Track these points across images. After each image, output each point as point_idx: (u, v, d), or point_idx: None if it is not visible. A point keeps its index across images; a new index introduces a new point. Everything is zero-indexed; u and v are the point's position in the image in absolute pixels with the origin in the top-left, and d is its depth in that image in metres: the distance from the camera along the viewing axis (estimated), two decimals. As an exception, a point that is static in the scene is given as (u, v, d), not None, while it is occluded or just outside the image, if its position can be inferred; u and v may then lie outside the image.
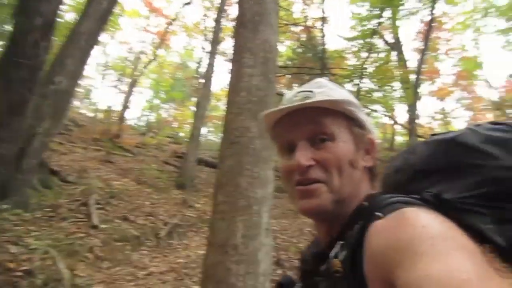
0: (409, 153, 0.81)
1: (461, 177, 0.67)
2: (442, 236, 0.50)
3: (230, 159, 3.11)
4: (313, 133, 0.74)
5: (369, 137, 0.80)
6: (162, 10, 24.38)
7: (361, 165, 0.77)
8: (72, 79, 6.30)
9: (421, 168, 0.74)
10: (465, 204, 0.63)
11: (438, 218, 0.56)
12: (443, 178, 0.69)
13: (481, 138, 0.69)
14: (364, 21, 14.38)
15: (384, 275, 0.52)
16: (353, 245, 0.64)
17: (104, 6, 6.92)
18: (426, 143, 0.78)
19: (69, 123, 14.50)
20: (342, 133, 0.75)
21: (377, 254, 0.56)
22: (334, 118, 0.75)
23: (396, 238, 0.53)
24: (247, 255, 2.70)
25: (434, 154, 0.73)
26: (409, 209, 0.60)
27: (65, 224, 5.48)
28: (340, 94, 0.79)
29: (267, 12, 3.83)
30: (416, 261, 0.47)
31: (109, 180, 8.84)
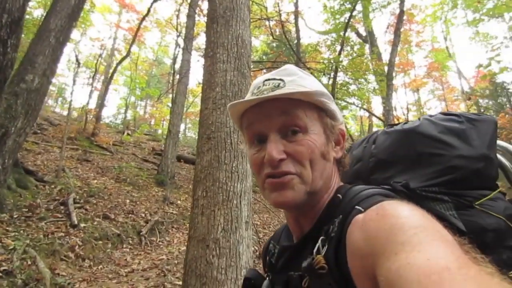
0: (369, 143, 0.85)
1: (423, 167, 0.72)
2: (423, 227, 0.50)
3: (207, 154, 3.16)
4: (284, 125, 0.71)
5: (339, 127, 0.79)
6: (134, 5, 24.01)
7: (331, 157, 0.76)
8: (44, 76, 6.19)
9: (383, 158, 0.79)
10: (429, 192, 0.69)
11: (418, 209, 0.56)
12: (406, 167, 0.74)
13: (439, 128, 0.74)
14: (336, 15, 14.57)
15: (367, 266, 0.53)
16: (336, 240, 0.63)
17: (73, 2, 6.80)
18: (387, 133, 0.81)
19: (43, 122, 14.17)
20: (314, 125, 0.73)
21: (360, 246, 0.56)
22: (305, 109, 0.72)
23: (378, 230, 0.54)
24: (228, 249, 2.74)
25: (396, 144, 0.78)
26: (389, 201, 0.60)
27: (44, 224, 5.42)
28: (311, 83, 0.76)
29: (239, 7, 3.88)
30: (398, 250, 0.47)
31: (87, 179, 8.74)
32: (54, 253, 4.85)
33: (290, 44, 13.85)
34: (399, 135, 0.78)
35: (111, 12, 26.95)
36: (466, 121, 0.76)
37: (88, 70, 26.53)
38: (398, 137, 0.78)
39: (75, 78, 13.40)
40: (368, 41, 17.95)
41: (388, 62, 10.70)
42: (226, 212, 2.91)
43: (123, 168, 11.08)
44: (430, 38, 24.72)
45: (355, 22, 17.28)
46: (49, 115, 17.50)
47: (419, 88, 26.70)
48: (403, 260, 0.45)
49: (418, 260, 0.44)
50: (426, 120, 0.78)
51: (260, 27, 14.44)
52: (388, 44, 23.36)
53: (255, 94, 0.73)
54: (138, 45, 26.25)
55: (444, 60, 23.38)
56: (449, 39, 25.79)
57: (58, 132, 12.83)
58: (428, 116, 0.80)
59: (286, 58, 16.12)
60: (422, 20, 20.83)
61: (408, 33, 21.86)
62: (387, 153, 0.79)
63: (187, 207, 9.52)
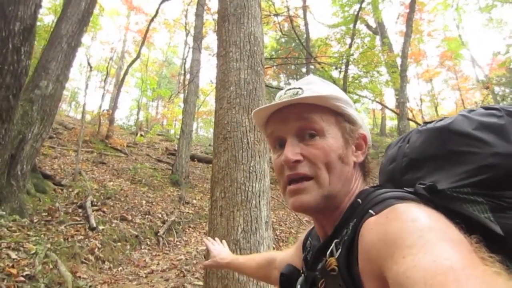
0: (404, 142, 0.82)
1: (455, 166, 0.68)
2: (430, 228, 0.51)
3: (224, 154, 3.13)
4: (301, 129, 0.75)
5: (359, 132, 0.80)
6: (142, 8, 24.16)
7: (351, 161, 0.77)
8: (58, 82, 6.26)
9: (415, 157, 0.76)
10: (460, 193, 0.65)
11: (427, 211, 0.57)
12: (438, 167, 0.70)
13: (474, 124, 0.69)
14: (345, 7, 14.43)
15: (376, 269, 0.54)
16: (348, 243, 0.64)
17: (82, 7, 6.85)
18: (419, 132, 0.78)
19: (58, 127, 14.38)
20: (331, 129, 0.75)
21: (369, 249, 0.57)
22: (322, 114, 0.75)
23: (386, 233, 0.54)
24: (249, 250, 2.70)
25: (427, 143, 0.74)
26: (400, 204, 0.60)
27: (63, 228, 5.48)
28: (328, 90, 0.79)
29: (249, 4, 3.83)
30: (405, 253, 0.48)
31: (104, 181, 8.84)
32: (74, 256, 4.91)
33: (300, 39, 13.73)
34: (430, 133, 0.75)
35: (120, 15, 27.22)
36: (507, 115, 0.70)
37: (100, 73, 26.87)
38: (430, 135, 0.75)
39: (87, 82, 13.49)
40: (378, 32, 17.76)
41: (401, 53, 10.50)
42: (246, 212, 2.88)
43: (138, 169, 11.18)
44: (442, 27, 24.29)
45: (364, 14, 17.09)
46: (64, 119, 17.75)
47: (432, 79, 26.27)
48: (409, 263, 0.46)
49: (424, 262, 0.45)
50: (461, 116, 0.74)
51: (268, 23, 14.37)
52: (399, 34, 23.10)
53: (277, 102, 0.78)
54: (148, 47, 26.43)
55: (457, 49, 22.91)
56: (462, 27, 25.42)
57: (73, 136, 13.01)
58: (467, 111, 0.75)
59: (297, 53, 16.01)
60: (433, 9, 20.48)
61: (419, 22, 21.50)
62: (418, 153, 0.76)
63: (202, 206, 9.56)
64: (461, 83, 25.52)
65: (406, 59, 10.40)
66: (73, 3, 6.78)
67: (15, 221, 4.97)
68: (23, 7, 4.90)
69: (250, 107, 3.33)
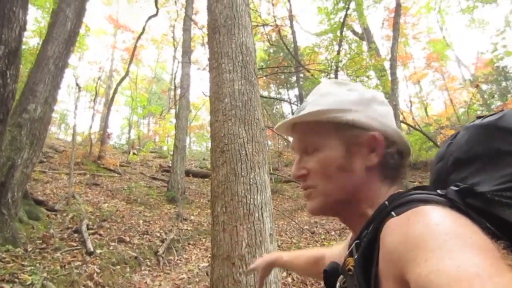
0: (453, 139, 0.77)
1: (501, 167, 0.62)
2: (455, 233, 0.49)
3: (223, 167, 3.05)
4: (303, 146, 0.82)
5: (368, 134, 0.75)
6: (128, 25, 24.19)
7: (357, 167, 0.75)
8: (46, 104, 6.12)
9: (459, 156, 0.71)
10: (502, 197, 0.59)
11: (452, 215, 0.54)
12: (482, 168, 0.65)
13: None
14: (331, 15, 14.54)
15: (397, 271, 0.53)
16: (367, 244, 0.64)
17: (68, 27, 6.77)
18: (467, 129, 0.73)
19: (48, 150, 14.16)
20: (329, 141, 0.77)
21: (391, 250, 0.56)
22: (320, 128, 0.78)
23: (409, 235, 0.53)
24: (255, 265, 2.64)
25: (472, 141, 0.69)
26: (424, 207, 0.58)
27: (60, 255, 5.29)
28: (328, 101, 0.79)
29: (239, 14, 3.80)
30: (428, 257, 0.47)
31: (98, 203, 8.64)
32: (72, 284, 4.71)
33: (288, 49, 13.79)
34: (476, 131, 0.69)
35: (107, 34, 27.18)
36: None
37: (89, 93, 26.67)
38: (476, 132, 0.69)
39: (76, 103, 13.42)
40: (364, 38, 17.93)
41: (390, 57, 10.56)
42: (249, 226, 2.79)
43: (133, 188, 11.00)
44: (426, 29, 24.64)
45: (350, 20, 17.25)
46: (54, 142, 17.52)
47: (420, 80, 26.55)
48: (433, 266, 0.45)
49: (448, 267, 0.43)
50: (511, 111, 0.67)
51: (256, 34, 14.44)
52: (385, 38, 23.36)
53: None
54: (136, 64, 26.42)
55: (442, 50, 23.26)
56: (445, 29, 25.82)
57: (64, 159, 12.80)
58: None
59: (286, 63, 16.07)
60: (416, 12, 20.78)
61: (404, 26, 21.79)
62: (463, 151, 0.70)
63: (201, 222, 9.40)
64: (449, 83, 25.81)
65: (395, 62, 10.45)
66: (59, 23, 6.69)
67: (8, 251, 4.78)
68: (7, 30, 4.79)
69: (246, 118, 3.27)
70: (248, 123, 3.24)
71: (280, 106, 26.14)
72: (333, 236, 8.19)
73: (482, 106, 18.91)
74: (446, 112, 22.65)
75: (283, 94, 25.96)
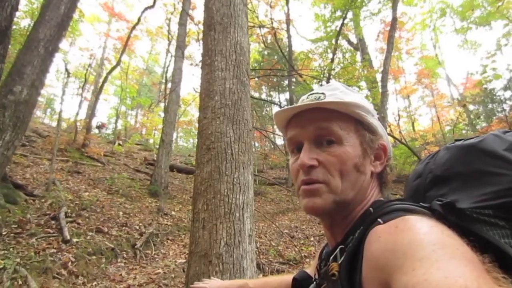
0: (432, 158, 0.80)
1: (479, 186, 0.65)
2: (442, 244, 0.50)
3: (207, 165, 3.03)
4: (320, 135, 0.75)
5: (380, 143, 0.79)
6: (124, 14, 23.92)
7: (368, 171, 0.76)
8: (33, 87, 5.99)
9: (439, 174, 0.73)
10: (480, 215, 0.61)
11: (439, 226, 0.55)
12: (461, 186, 0.67)
13: (505, 145, 0.66)
14: (327, 23, 14.65)
15: (382, 278, 0.52)
16: (353, 249, 0.64)
17: (62, 11, 6.65)
18: (448, 149, 0.76)
19: (32, 134, 13.90)
20: (350, 137, 0.74)
21: (376, 257, 0.55)
22: (342, 121, 0.75)
23: (397, 243, 0.53)
24: (232, 264, 2.60)
25: (453, 160, 0.72)
26: (412, 216, 0.59)
27: (35, 241, 5.21)
28: (351, 97, 0.78)
29: (236, 13, 3.80)
30: (416, 266, 0.47)
31: (79, 191, 8.51)
32: (46, 271, 4.64)
33: (283, 52, 13.84)
34: (458, 151, 0.73)
35: (100, 21, 26.81)
36: None
37: (78, 80, 26.25)
38: (457, 152, 0.73)
39: (64, 88, 13.19)
40: (359, 48, 18.10)
41: (382, 70, 10.70)
42: (229, 225, 2.78)
43: (115, 179, 10.87)
44: (420, 46, 25.04)
45: (346, 30, 17.41)
46: (38, 127, 17.21)
47: (410, 95, 26.95)
48: (420, 276, 0.45)
49: (436, 277, 0.43)
50: (493, 135, 0.70)
51: (252, 35, 14.44)
52: (379, 51, 23.67)
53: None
54: (128, 54, 26.11)
55: (433, 67, 23.66)
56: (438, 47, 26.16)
57: (47, 144, 12.57)
58: (502, 131, 0.72)
59: (280, 66, 16.12)
60: (411, 28, 21.12)
61: (399, 40, 22.10)
62: (443, 169, 0.73)
63: (181, 218, 9.35)
64: (437, 101, 26.27)
65: (387, 75, 10.59)
66: (52, 6, 6.57)
67: (-18, 233, 4.69)
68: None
69: (234, 117, 3.26)
70: (237, 122, 3.25)
71: (270, 109, 26.21)
72: (312, 241, 8.25)
73: (468, 125, 19.28)
74: (433, 129, 23.04)
75: (274, 97, 26.06)
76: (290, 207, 12.33)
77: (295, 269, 6.15)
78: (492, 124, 13.95)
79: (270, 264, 6.15)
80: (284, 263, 6.46)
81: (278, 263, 6.32)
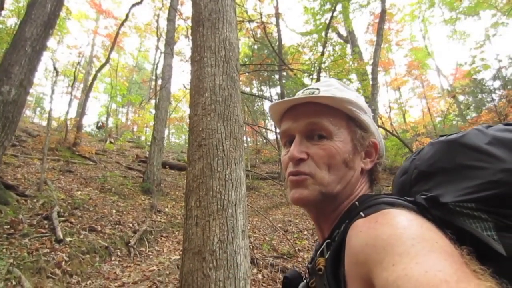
0: (416, 155, 0.81)
1: (462, 180, 0.65)
2: (422, 237, 0.50)
3: (199, 162, 3.03)
4: (311, 129, 0.77)
5: (371, 140, 0.80)
6: (111, 11, 23.66)
7: (357, 167, 0.78)
8: (21, 87, 5.94)
9: (424, 170, 0.74)
10: (464, 208, 0.62)
11: (419, 220, 0.56)
12: (445, 180, 0.68)
13: (487, 139, 0.67)
14: (317, 16, 14.64)
15: (363, 273, 0.53)
16: (337, 244, 0.65)
17: (48, 9, 6.57)
18: (432, 144, 0.77)
19: (21, 134, 13.75)
20: (340, 132, 0.77)
21: (357, 252, 0.56)
22: (333, 117, 0.77)
23: (375, 237, 0.54)
24: (225, 260, 2.62)
25: (436, 156, 0.73)
26: (391, 210, 0.60)
27: (28, 241, 5.17)
28: (344, 94, 0.79)
29: (224, 9, 3.78)
30: (396, 261, 0.47)
31: (71, 190, 8.46)
32: (39, 271, 4.63)
33: (273, 46, 13.81)
34: (441, 146, 0.74)
35: (88, 19, 26.50)
36: None
37: (67, 78, 25.95)
38: (440, 148, 0.74)
39: (53, 87, 13.01)
40: (349, 41, 18.15)
41: (372, 62, 10.75)
42: (222, 222, 2.80)
43: (108, 177, 10.81)
44: (409, 37, 25.15)
45: (335, 22, 17.42)
46: (28, 126, 17.03)
47: (400, 87, 27.11)
48: (400, 271, 0.45)
49: (416, 272, 0.44)
50: (476, 130, 0.72)
51: (241, 29, 14.38)
52: (368, 43, 23.75)
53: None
54: (117, 51, 25.88)
55: (423, 59, 23.80)
56: (428, 38, 26.37)
57: (38, 144, 12.45)
58: (485, 126, 0.73)
59: (270, 60, 16.10)
60: (401, 19, 21.17)
61: (388, 32, 22.17)
62: (427, 165, 0.74)
63: (175, 215, 9.35)
64: (427, 92, 26.47)
65: (377, 67, 10.64)
66: (38, 5, 6.49)
67: (-27, 235, 4.65)
68: (-16, 8, 4.65)
69: (225, 113, 3.27)
70: (227, 118, 3.25)
71: (262, 103, 26.19)
72: (306, 235, 8.31)
73: (458, 116, 19.45)
74: (423, 120, 23.24)
75: (265, 91, 26.04)
76: (283, 201, 12.39)
77: (289, 263, 6.21)
78: (482, 114, 14.09)
79: (264, 259, 6.18)
80: (278, 257, 6.50)
81: (272, 258, 6.36)
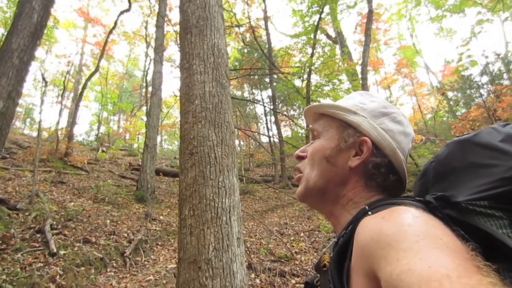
0: (435, 157, 0.81)
1: (475, 178, 0.65)
2: (426, 234, 0.51)
3: (191, 170, 3.01)
4: (312, 132, 0.90)
5: (362, 139, 0.79)
6: (100, 19, 23.55)
7: (342, 163, 0.80)
8: (9, 99, 5.86)
9: (440, 170, 0.75)
10: (476, 206, 0.62)
11: (424, 217, 0.57)
12: (459, 180, 0.69)
13: (501, 136, 0.67)
14: (305, 18, 14.72)
15: (368, 267, 0.55)
16: (344, 242, 0.67)
17: (35, 20, 6.51)
18: (447, 145, 0.77)
19: (12, 146, 13.59)
20: (328, 132, 0.85)
21: (363, 246, 0.58)
22: (325, 121, 0.87)
23: (382, 233, 0.55)
24: (221, 269, 2.59)
25: (450, 156, 0.74)
26: (398, 207, 0.62)
27: (20, 256, 5.09)
28: (344, 101, 0.88)
29: (212, 15, 3.77)
30: (400, 256, 0.49)
31: (64, 202, 8.36)
32: (33, 286, 4.54)
33: (262, 50, 13.84)
34: (454, 146, 0.75)
35: (77, 27, 26.34)
36: None
37: (56, 88, 25.77)
38: (454, 148, 0.75)
39: (42, 97, 12.84)
40: (338, 41, 18.24)
41: (362, 62, 10.82)
42: (216, 230, 2.77)
43: (101, 187, 10.71)
44: (397, 36, 25.38)
45: (324, 24, 17.53)
46: (18, 138, 16.83)
47: (390, 86, 27.34)
48: (404, 266, 0.47)
49: (419, 267, 0.45)
50: (491, 128, 0.72)
51: (230, 34, 14.39)
52: (357, 43, 23.91)
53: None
54: (107, 59, 25.74)
55: (412, 57, 24.05)
56: (415, 36, 26.63)
57: (28, 155, 12.32)
58: (502, 124, 0.73)
59: (260, 63, 16.11)
60: (388, 19, 21.38)
61: (376, 31, 22.35)
62: (443, 166, 0.75)
63: (170, 222, 9.29)
64: (417, 89, 26.73)
65: (366, 67, 10.72)
66: (24, 15, 6.42)
67: (-36, 252, 4.57)
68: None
69: (216, 120, 3.25)
70: (218, 125, 3.24)
71: (254, 107, 26.20)
72: (302, 237, 8.29)
73: (448, 112, 19.64)
74: (414, 117, 23.43)
75: (257, 94, 26.05)
76: (278, 204, 12.37)
77: (286, 266, 6.18)
78: (471, 110, 14.23)
79: (262, 263, 6.15)
80: (275, 261, 6.47)
81: (270, 262, 6.32)
